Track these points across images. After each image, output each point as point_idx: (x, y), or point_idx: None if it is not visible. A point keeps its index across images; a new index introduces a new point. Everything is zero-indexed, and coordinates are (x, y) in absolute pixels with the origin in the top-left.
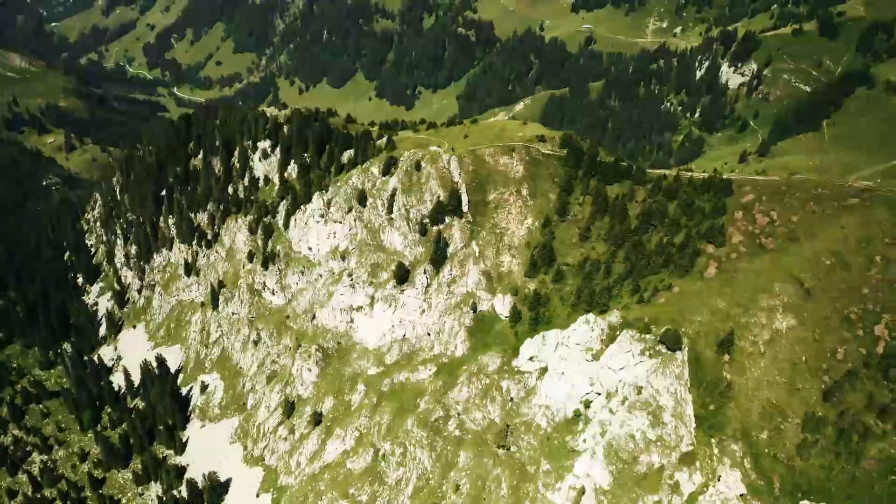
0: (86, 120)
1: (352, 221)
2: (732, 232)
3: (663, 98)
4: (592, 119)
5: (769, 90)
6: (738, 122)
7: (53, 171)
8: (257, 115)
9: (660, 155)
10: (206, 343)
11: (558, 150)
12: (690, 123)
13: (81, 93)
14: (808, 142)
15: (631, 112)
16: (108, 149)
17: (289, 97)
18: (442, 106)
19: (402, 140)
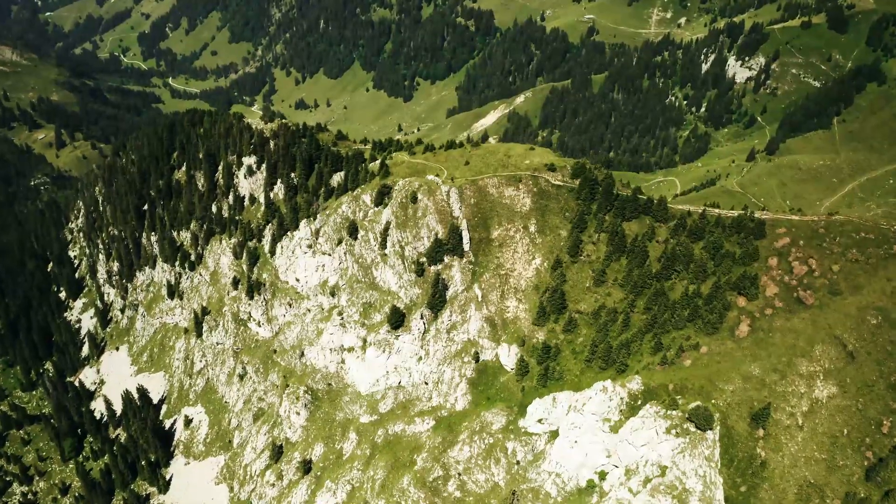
0: (77, 114)
1: (342, 255)
2: (766, 282)
3: (668, 92)
4: (595, 113)
5: (777, 85)
6: (745, 118)
7: (43, 170)
8: (242, 127)
9: (665, 151)
10: (191, 373)
11: (570, 181)
12: (696, 118)
13: (74, 85)
14: (817, 139)
15: (634, 106)
16: (98, 146)
17: (285, 88)
18: (441, 98)
19: (396, 164)
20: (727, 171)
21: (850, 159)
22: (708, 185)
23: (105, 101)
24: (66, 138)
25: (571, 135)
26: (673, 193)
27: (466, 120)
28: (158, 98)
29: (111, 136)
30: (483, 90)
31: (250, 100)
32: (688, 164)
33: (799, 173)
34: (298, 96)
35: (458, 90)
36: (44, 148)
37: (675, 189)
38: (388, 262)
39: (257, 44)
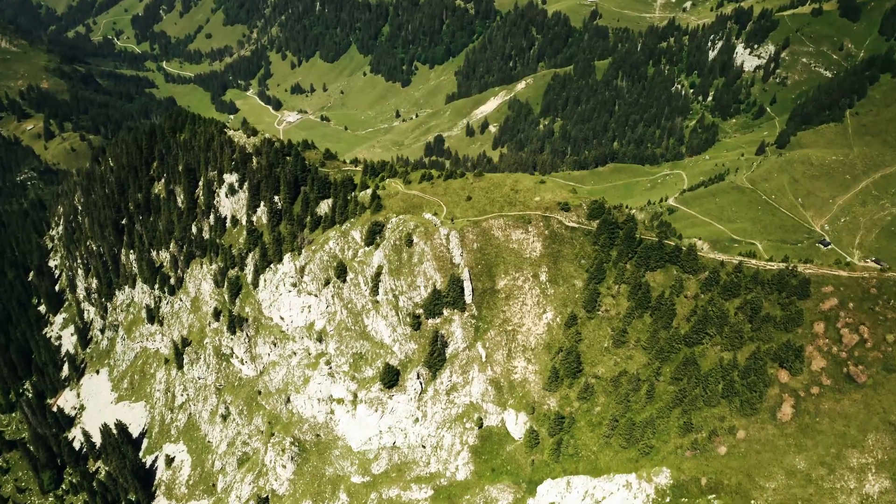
0: (67, 102)
1: (329, 297)
2: (812, 353)
3: (674, 79)
4: (598, 101)
5: (787, 74)
6: (753, 108)
7: (30, 164)
8: (223, 141)
9: (671, 142)
10: (172, 406)
11: (586, 223)
12: (703, 108)
13: (64, 72)
14: (829, 133)
15: (639, 94)
16: (87, 137)
17: (280, 71)
18: (439, 83)
19: (389, 195)
20: (736, 165)
21: (864, 154)
22: (716, 179)
23: (96, 88)
24: (55, 129)
25: (574, 123)
26: (680, 188)
27: (466, 107)
28: (152, 83)
29: (101, 126)
30: (483, 75)
31: (245, 84)
32: (695, 157)
33: (811, 169)
34: (294, 80)
35: (458, 75)
36: (32, 139)
37: (682, 183)
38: (381, 311)
39: (252, 26)
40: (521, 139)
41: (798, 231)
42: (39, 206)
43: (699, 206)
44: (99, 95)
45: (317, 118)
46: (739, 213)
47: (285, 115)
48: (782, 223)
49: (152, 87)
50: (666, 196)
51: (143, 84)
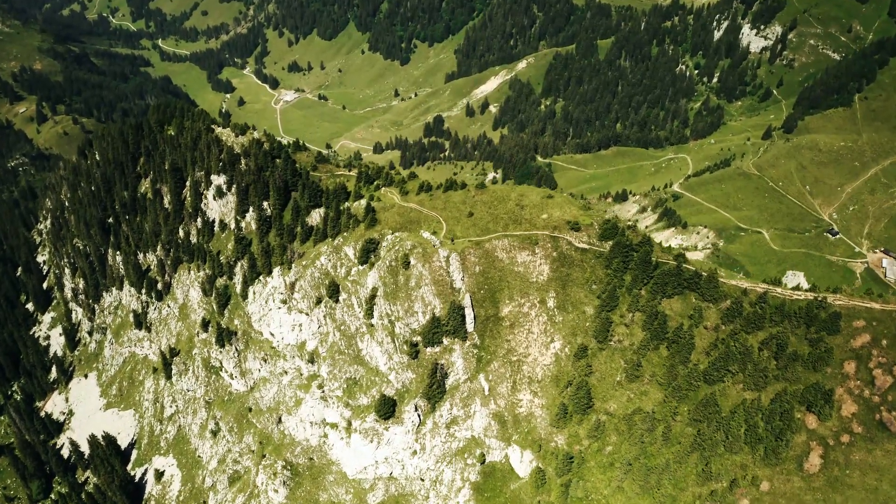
0: (61, 84)
1: (321, 317)
2: (842, 396)
3: (678, 60)
4: (601, 81)
5: (794, 56)
6: (760, 91)
7: (22, 149)
8: (210, 140)
9: (675, 125)
10: (161, 417)
11: (597, 244)
12: (708, 90)
13: (58, 52)
14: (838, 118)
15: (643, 74)
16: (80, 120)
17: (277, 49)
18: (439, 61)
19: (384, 208)
20: (742, 150)
21: (873, 141)
22: (722, 165)
23: (91, 68)
24: (48, 112)
25: (576, 104)
26: (685, 173)
27: (466, 86)
28: (147, 61)
29: (94, 109)
30: (483, 54)
31: (242, 62)
32: (700, 141)
33: (819, 155)
34: (291, 58)
35: (457, 53)
36: (24, 123)
37: (686, 168)
38: (376, 336)
39: (249, 3)
40: (522, 120)
41: (806, 219)
42: (30, 195)
43: (704, 192)
44: (93, 76)
45: (314, 97)
46: (746, 201)
47: (282, 94)
48: (790, 211)
49: (147, 65)
50: (671, 181)
51: (139, 63)
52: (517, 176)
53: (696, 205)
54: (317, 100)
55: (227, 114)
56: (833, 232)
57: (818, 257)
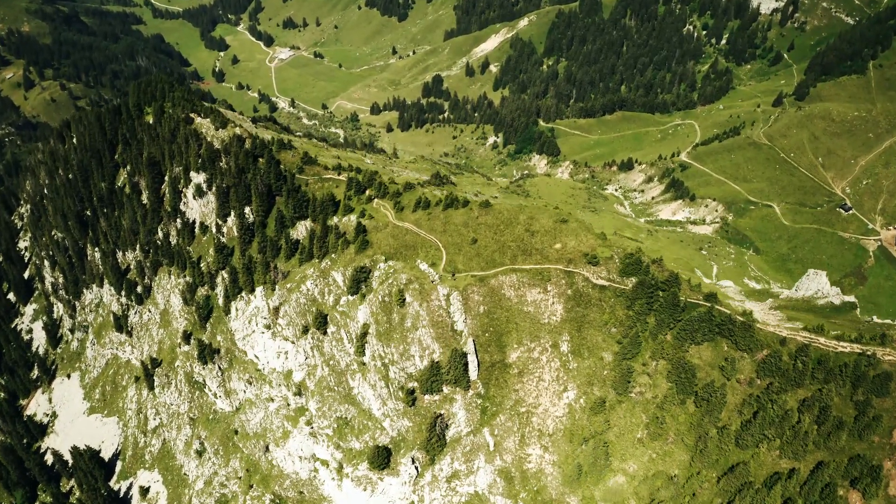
0: (49, 46)
1: (308, 349)
2: (890, 472)
3: (685, 19)
4: (605, 41)
5: (806, 19)
6: (770, 54)
7: (8, 118)
8: (189, 133)
9: (682, 88)
10: (145, 430)
11: (618, 280)
12: (716, 52)
13: (46, 13)
14: (851, 86)
15: (649, 35)
16: (68, 86)
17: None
18: (437, 17)
19: (377, 228)
20: (752, 117)
21: (888, 111)
22: (731, 133)
23: (81, 28)
24: (35, 77)
25: (580, 65)
26: (692, 141)
27: (465, 44)
28: (139, 19)
29: (83, 73)
30: (483, 10)
31: (236, 18)
32: (708, 106)
33: (832, 125)
34: (286, 14)
35: (457, 10)
36: (11, 89)
37: (694, 135)
38: (368, 378)
39: None
40: (524, 81)
41: (818, 193)
42: (14, 170)
43: (713, 162)
44: (82, 37)
45: (310, 55)
46: (756, 172)
47: (277, 52)
48: (801, 184)
49: (139, 23)
50: (678, 150)
51: (130, 20)
52: (518, 141)
53: (704, 175)
54: (312, 58)
55: (220, 73)
56: (846, 207)
57: (830, 234)
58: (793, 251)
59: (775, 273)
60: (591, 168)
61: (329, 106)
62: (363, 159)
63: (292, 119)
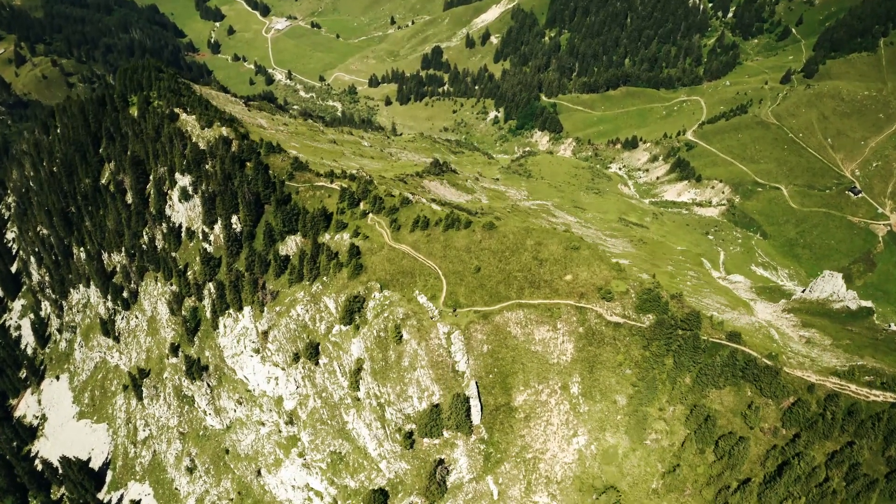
0: (41, 21)
1: (299, 378)
2: None
3: None
4: (608, 13)
5: None
6: (777, 29)
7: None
8: (173, 132)
9: (687, 63)
10: (134, 440)
11: (633, 317)
12: (722, 25)
13: None
14: (861, 64)
15: (653, 7)
16: (59, 62)
17: None
18: None
19: (372, 251)
20: (760, 95)
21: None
22: (738, 111)
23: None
24: (27, 53)
25: (583, 37)
26: (698, 119)
27: (466, 14)
28: None
29: (74, 48)
30: None
31: None
32: (714, 82)
33: (841, 105)
34: None
35: None
36: (2, 66)
37: (700, 113)
38: (363, 416)
39: None
40: (525, 53)
41: (826, 175)
42: (4, 152)
43: (720, 142)
44: (75, 9)
45: (307, 25)
46: (764, 152)
47: (274, 22)
48: (810, 165)
49: None
50: (684, 128)
51: None
52: (520, 116)
53: (710, 155)
54: (309, 28)
55: (216, 44)
56: (855, 190)
57: (839, 218)
58: (801, 236)
59: (783, 259)
60: (595, 145)
61: (326, 78)
62: (360, 142)
63: (289, 91)
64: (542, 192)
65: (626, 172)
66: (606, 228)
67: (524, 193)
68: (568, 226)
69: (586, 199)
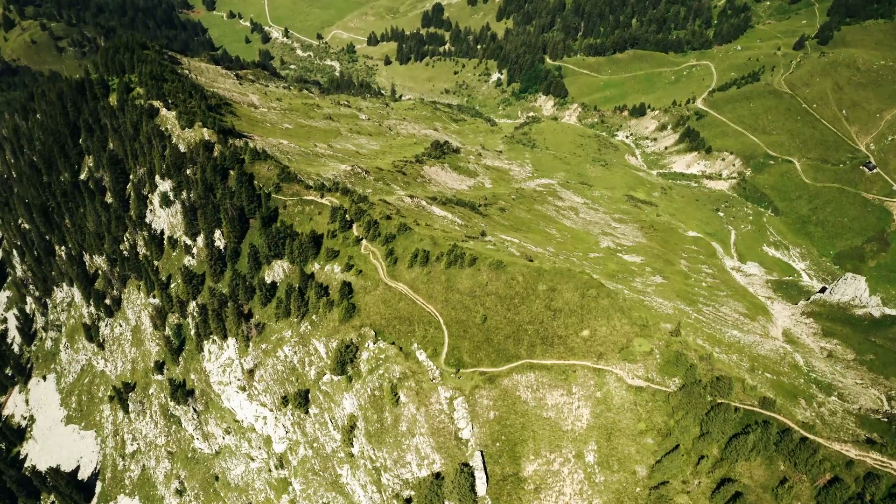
0: None
1: (288, 424)
2: None
3: None
4: None
5: None
6: None
7: None
8: (151, 131)
9: (697, 24)
10: (123, 453)
11: (657, 380)
12: None
13: None
14: (878, 31)
15: None
16: (49, 26)
17: None
18: None
19: (366, 289)
20: (772, 61)
21: None
22: (750, 78)
23: None
24: (15, 16)
25: None
26: (708, 85)
27: None
28: None
29: (64, 10)
30: None
31: None
32: (724, 46)
33: (857, 75)
34: None
35: None
36: None
37: (710, 79)
38: (357, 476)
39: None
40: (529, 11)
41: (840, 149)
42: None
43: (731, 111)
44: None
45: None
46: (776, 123)
47: None
48: (823, 138)
49: None
50: (693, 95)
51: None
52: (524, 79)
53: (721, 125)
54: None
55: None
56: (870, 165)
57: (853, 194)
58: (813, 213)
59: (795, 237)
60: (601, 112)
61: (324, 36)
62: (357, 115)
63: (286, 50)
64: (546, 165)
65: (634, 141)
66: (615, 211)
67: (528, 170)
68: (576, 209)
69: (593, 173)
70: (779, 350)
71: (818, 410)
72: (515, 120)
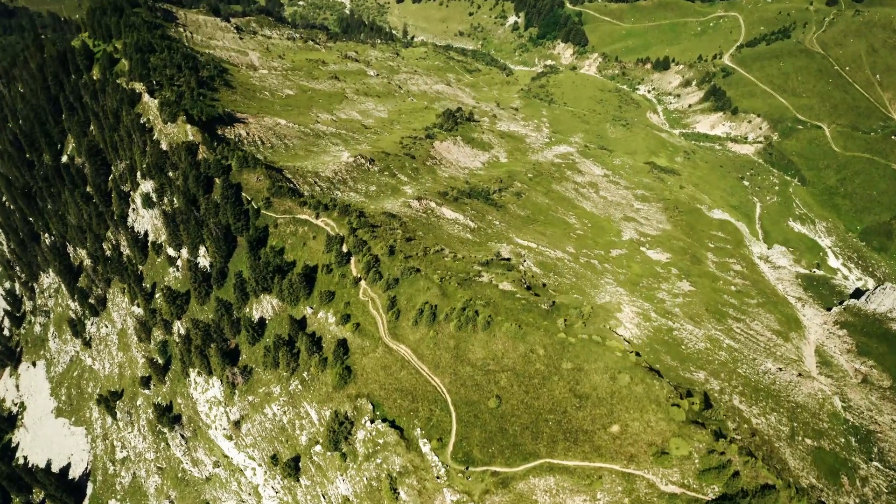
0: None
1: (278, 486)
2: None
3: None
4: None
5: None
6: None
7: None
8: (132, 124)
9: None
10: (113, 458)
11: (695, 487)
12: None
13: None
14: None
15: None
16: None
17: None
18: None
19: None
20: (804, 17)
21: None
22: (780, 35)
23: None
24: None
25: None
26: (735, 39)
27: None
28: None
29: None
30: None
31: None
32: None
33: (893, 37)
34: None
35: None
36: None
37: (738, 32)
38: None
39: None
40: None
41: (872, 116)
42: None
43: (759, 70)
44: None
45: None
46: (806, 85)
47: None
48: (855, 103)
49: None
50: (720, 50)
51: None
52: (542, 24)
53: (748, 84)
54: None
55: None
56: None
57: (883, 166)
58: (841, 184)
59: (821, 210)
60: (622, 63)
61: None
62: (366, 71)
63: None
64: (565, 125)
65: (656, 97)
66: (637, 185)
67: (545, 133)
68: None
69: (613, 135)
70: (816, 395)
71: (861, 491)
72: (532, 68)
